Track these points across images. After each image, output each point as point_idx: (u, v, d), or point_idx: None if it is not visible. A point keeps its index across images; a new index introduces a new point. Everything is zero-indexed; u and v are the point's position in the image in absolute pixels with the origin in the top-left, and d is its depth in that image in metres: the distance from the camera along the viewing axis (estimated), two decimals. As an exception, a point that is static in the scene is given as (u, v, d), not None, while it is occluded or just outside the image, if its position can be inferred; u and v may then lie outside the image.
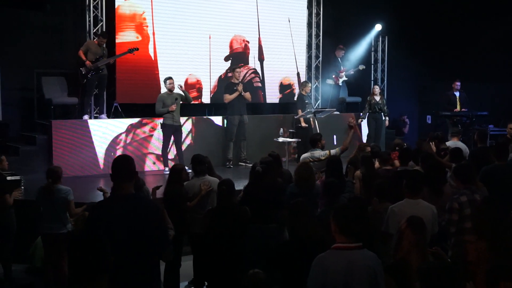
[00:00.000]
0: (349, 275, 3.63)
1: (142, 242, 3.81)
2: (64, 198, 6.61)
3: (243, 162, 11.69)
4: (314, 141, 8.15)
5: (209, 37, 12.02)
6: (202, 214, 6.26)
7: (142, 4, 11.43)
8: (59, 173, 6.71)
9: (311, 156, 7.88)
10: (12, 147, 10.37)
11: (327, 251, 3.74)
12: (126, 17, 11.31)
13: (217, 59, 12.37)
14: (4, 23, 10.78)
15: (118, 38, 11.22)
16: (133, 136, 10.88)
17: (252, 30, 12.86)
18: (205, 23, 12.11)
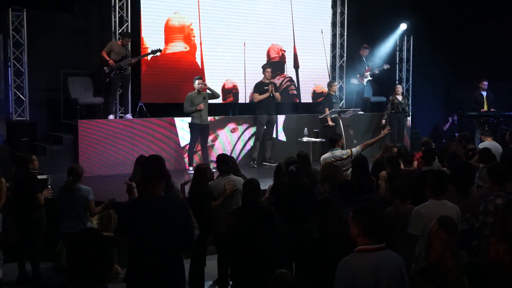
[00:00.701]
0: (378, 277, 3.58)
1: (169, 243, 3.84)
2: (84, 197, 6.68)
3: (267, 162, 11.69)
4: (334, 141, 8.10)
5: (244, 44, 12.22)
6: (226, 214, 6.28)
7: (190, 16, 11.73)
8: (79, 172, 6.79)
9: (333, 156, 7.83)
10: (40, 147, 10.51)
11: (350, 254, 3.67)
12: (175, 29, 11.66)
13: (254, 66, 12.37)
14: (31, 24, 10.90)
15: (168, 48, 11.58)
16: (158, 135, 10.94)
17: (287, 38, 13.05)
18: (243, 32, 12.37)
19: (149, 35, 11.32)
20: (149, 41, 11.15)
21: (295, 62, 13.18)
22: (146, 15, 11.35)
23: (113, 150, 10.52)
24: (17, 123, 10.71)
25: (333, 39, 14.00)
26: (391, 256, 3.71)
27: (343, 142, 8.15)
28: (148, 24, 11.37)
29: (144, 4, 11.31)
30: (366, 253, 3.62)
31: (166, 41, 11.55)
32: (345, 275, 3.59)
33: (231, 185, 6.52)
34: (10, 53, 10.67)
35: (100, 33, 11.85)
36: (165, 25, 11.52)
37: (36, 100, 11.27)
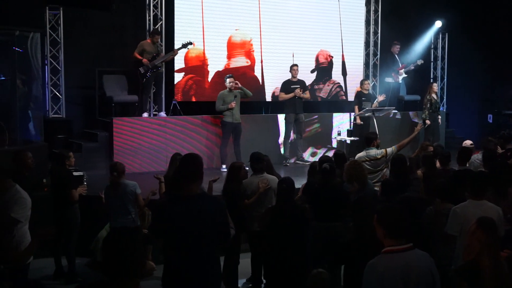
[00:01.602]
0: (406, 278, 3.50)
1: (205, 240, 3.86)
2: (133, 191, 6.78)
3: (299, 161, 11.66)
4: (369, 140, 8.01)
5: (292, 55, 12.29)
6: (260, 212, 6.29)
7: (251, 32, 12.15)
8: (122, 167, 6.88)
9: (367, 155, 7.74)
10: (75, 144, 10.65)
11: (377, 256, 3.61)
12: (237, 45, 11.98)
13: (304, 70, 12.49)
14: (67, 23, 11.07)
15: (232, 63, 11.95)
16: (191, 133, 11.02)
17: (335, 44, 13.25)
18: (294, 40, 12.49)
19: (182, 33, 11.37)
20: (183, 38, 11.18)
21: (343, 69, 13.32)
22: (179, 13, 11.41)
23: (147, 147, 10.62)
24: (53, 121, 10.89)
25: (367, 37, 13.88)
26: (420, 256, 3.63)
27: (378, 141, 8.04)
28: (181, 22, 11.44)
29: (178, 2, 11.38)
30: (393, 254, 3.56)
31: (228, 57, 12.02)
32: (372, 277, 3.54)
33: (264, 183, 6.51)
34: (47, 52, 10.85)
35: (134, 32, 11.96)
36: (227, 42, 11.98)
37: (72, 98, 11.45)
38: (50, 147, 9.89)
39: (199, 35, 11.62)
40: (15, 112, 9.79)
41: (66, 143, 10.67)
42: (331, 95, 13.19)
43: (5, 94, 9.93)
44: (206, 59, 11.77)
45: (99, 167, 10.29)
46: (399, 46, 13.56)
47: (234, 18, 11.96)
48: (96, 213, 7.75)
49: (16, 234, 5.12)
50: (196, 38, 11.51)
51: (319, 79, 13.10)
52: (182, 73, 11.64)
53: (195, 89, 11.78)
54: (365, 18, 13.77)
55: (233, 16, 11.94)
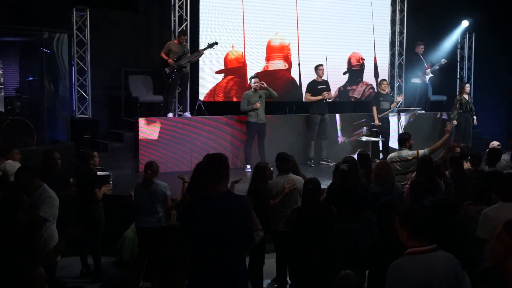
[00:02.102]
0: (430, 280, 3.46)
1: (233, 240, 3.85)
2: (163, 192, 6.82)
3: (324, 161, 11.62)
4: (402, 141, 7.93)
5: (326, 59, 12.26)
6: (285, 212, 6.27)
7: (289, 36, 12.28)
8: (157, 167, 6.92)
9: (398, 156, 7.66)
10: (101, 144, 10.74)
11: (400, 257, 3.57)
12: (276, 48, 12.20)
13: (335, 73, 12.64)
14: (94, 24, 11.17)
15: (270, 65, 12.17)
16: (216, 133, 11.03)
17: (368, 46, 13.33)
18: (327, 43, 12.58)
19: (206, 33, 11.41)
20: (208, 39, 11.21)
21: (375, 71, 13.30)
22: (204, 13, 11.45)
23: (171, 147, 10.66)
24: (80, 120, 10.99)
25: (392, 37, 13.76)
26: (444, 257, 3.58)
27: (411, 142, 7.95)
28: (206, 22, 11.48)
29: (203, 2, 11.42)
30: (416, 255, 3.52)
31: (267, 59, 12.18)
32: (396, 278, 3.51)
33: (290, 184, 6.48)
34: (73, 52, 10.95)
35: (160, 32, 12.03)
36: (267, 45, 12.15)
37: (98, 98, 11.53)
38: (77, 147, 9.99)
39: (239, 38, 11.80)
40: (43, 112, 9.94)
41: (92, 143, 10.77)
42: (364, 95, 13.21)
43: (33, 94, 10.08)
44: (246, 61, 11.88)
45: (125, 166, 10.37)
46: (423, 46, 13.42)
47: (274, 23, 12.12)
48: (122, 212, 7.80)
49: (44, 233, 5.19)
50: (235, 41, 11.72)
51: (352, 81, 13.14)
52: (222, 74, 11.75)
53: (236, 89, 11.86)
54: (390, 18, 13.65)
55: (273, 21, 12.11)
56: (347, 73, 13.09)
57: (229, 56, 11.79)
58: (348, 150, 11.40)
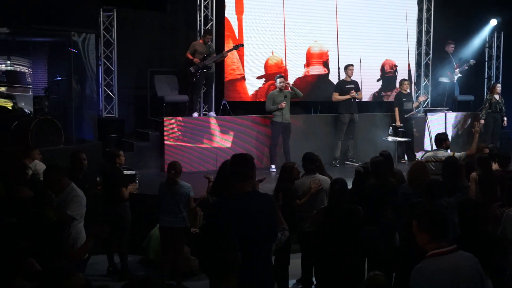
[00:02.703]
0: (456, 280, 3.40)
1: (261, 239, 3.85)
2: (187, 194, 6.81)
3: (349, 161, 11.56)
4: (439, 141, 7.84)
5: (360, 61, 12.47)
6: (311, 212, 6.25)
7: (328, 43, 12.45)
8: (180, 168, 6.93)
9: (434, 156, 7.58)
10: (127, 143, 10.82)
11: (423, 261, 3.50)
12: (316, 55, 12.39)
13: (368, 80, 12.77)
14: (120, 24, 11.26)
15: (310, 70, 12.32)
16: (241, 133, 11.05)
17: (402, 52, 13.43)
18: (360, 49, 12.63)
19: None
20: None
21: (409, 77, 13.25)
22: (230, 13, 11.47)
23: (196, 147, 10.71)
24: (106, 120, 11.08)
25: (419, 36, 13.63)
26: (466, 257, 3.53)
27: (448, 143, 7.86)
28: (232, 22, 11.50)
29: (229, 2, 11.45)
30: (439, 257, 3.45)
31: (307, 65, 12.31)
32: (420, 282, 3.44)
33: (316, 184, 6.47)
34: (100, 52, 11.05)
35: (186, 32, 12.07)
36: (307, 52, 12.29)
37: (124, 98, 11.62)
38: (103, 146, 10.09)
39: (280, 44, 11.95)
40: (71, 112, 10.04)
41: (118, 142, 10.86)
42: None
43: (61, 94, 10.20)
44: (286, 67, 12.01)
45: (151, 166, 10.45)
46: (453, 45, 13.25)
47: (314, 30, 12.24)
48: (148, 211, 7.85)
49: (72, 232, 5.23)
50: (275, 47, 11.88)
51: (385, 87, 13.18)
52: (262, 79, 11.86)
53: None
54: (417, 17, 13.52)
55: (313, 29, 12.23)
56: (380, 79, 13.15)
57: (269, 62, 11.91)
58: (373, 150, 11.29)
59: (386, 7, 12.97)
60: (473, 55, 13.60)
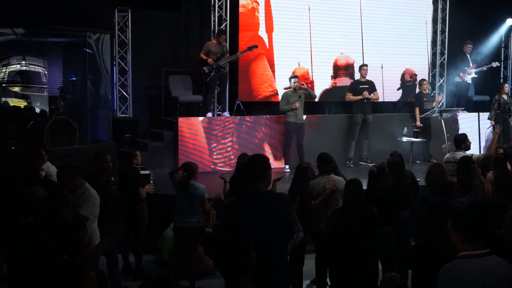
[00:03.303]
0: (483, 285, 3.33)
1: (276, 238, 3.84)
2: (201, 195, 6.78)
3: (363, 162, 11.51)
4: (458, 142, 7.80)
5: (381, 67, 12.63)
6: (325, 213, 6.23)
7: (354, 54, 12.62)
8: (194, 169, 6.88)
9: (452, 157, 7.55)
10: (142, 143, 10.86)
11: (452, 261, 3.44)
12: (342, 66, 12.64)
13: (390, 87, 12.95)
14: (135, 24, 11.31)
15: (336, 82, 12.54)
16: (255, 133, 11.04)
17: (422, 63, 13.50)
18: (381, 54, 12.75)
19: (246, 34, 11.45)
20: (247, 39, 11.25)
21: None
22: (244, 13, 11.48)
23: (210, 147, 10.72)
24: (121, 120, 11.14)
25: (434, 36, 13.55)
26: (498, 262, 3.43)
27: (468, 144, 7.81)
28: (246, 23, 11.52)
29: (243, 2, 11.46)
30: (470, 259, 3.38)
31: (333, 77, 12.53)
32: (447, 282, 3.39)
33: (331, 184, 6.45)
34: (115, 53, 11.10)
35: (200, 32, 12.10)
36: (333, 63, 12.50)
37: (138, 98, 11.67)
38: (118, 146, 10.13)
39: (306, 56, 12.11)
40: (85, 112, 10.09)
41: (132, 142, 10.90)
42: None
43: (76, 94, 10.25)
44: (312, 78, 12.16)
45: (165, 166, 10.45)
46: (471, 46, 13.12)
47: (339, 42, 12.38)
48: (162, 211, 7.86)
49: (87, 231, 5.25)
50: (302, 59, 12.02)
51: (405, 95, 13.23)
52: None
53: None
54: (432, 17, 13.43)
55: (338, 41, 12.36)
56: (401, 88, 13.23)
57: (296, 73, 11.83)
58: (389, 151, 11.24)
59: (405, 11, 13.00)
60: (490, 54, 13.46)
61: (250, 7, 11.72)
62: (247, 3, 11.65)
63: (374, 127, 11.72)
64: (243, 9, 11.63)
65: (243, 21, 11.59)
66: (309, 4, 12.05)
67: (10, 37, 9.70)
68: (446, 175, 6.36)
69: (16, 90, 10.29)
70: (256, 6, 11.75)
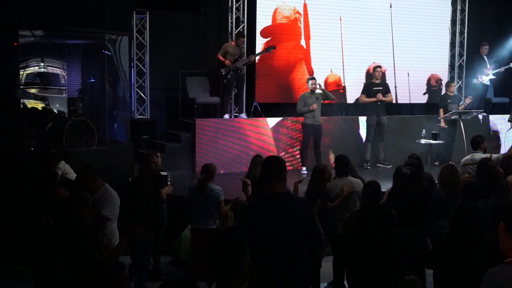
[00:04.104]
0: None
1: (294, 240, 3.83)
2: (216, 197, 6.76)
3: (381, 164, 11.45)
4: (476, 143, 7.76)
5: (408, 74, 12.94)
6: (343, 215, 6.21)
7: (384, 62, 12.64)
8: (213, 171, 6.87)
9: (471, 159, 7.50)
10: (159, 144, 10.91)
11: (500, 265, 3.37)
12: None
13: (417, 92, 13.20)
14: (153, 26, 11.37)
15: None
16: (272, 135, 11.05)
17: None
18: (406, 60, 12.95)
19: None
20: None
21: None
22: (261, 15, 11.49)
23: (228, 148, 10.74)
24: (138, 121, 11.20)
25: (452, 37, 13.46)
26: None
27: (485, 145, 7.76)
28: (263, 25, 11.54)
29: (260, 4, 11.47)
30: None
31: None
32: (490, 286, 3.35)
33: (349, 186, 6.43)
34: (133, 54, 11.17)
35: (217, 34, 12.14)
36: (366, 70, 12.54)
37: (156, 99, 11.74)
38: (136, 148, 10.18)
39: (338, 63, 12.27)
40: (104, 113, 10.14)
41: (150, 143, 10.96)
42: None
43: (95, 96, 10.31)
44: (345, 85, 12.31)
45: (182, 167, 10.51)
46: (487, 47, 13.02)
47: (371, 50, 12.53)
48: (179, 212, 7.88)
49: (107, 232, 5.29)
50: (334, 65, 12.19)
51: (431, 100, 13.22)
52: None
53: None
54: (450, 18, 13.34)
55: (371, 49, 12.52)
56: (427, 93, 13.25)
57: (328, 80, 12.16)
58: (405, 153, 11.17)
59: (425, 14, 13.01)
60: (508, 57, 13.32)
61: (293, 18, 11.97)
62: (290, 14, 11.86)
63: (392, 129, 11.65)
64: (286, 19, 11.89)
65: (286, 30, 11.91)
66: (340, 15, 12.18)
67: (29, 39, 9.78)
68: (459, 175, 6.32)
69: (35, 91, 10.35)
70: (298, 16, 11.98)
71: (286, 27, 11.84)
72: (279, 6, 11.73)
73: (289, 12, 11.82)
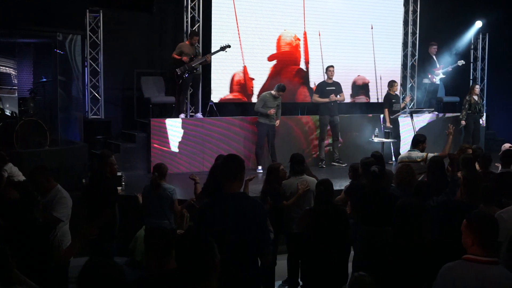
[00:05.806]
0: None
1: (247, 241, 3.85)
2: (169, 196, 6.75)
3: (336, 162, 11.59)
4: (417, 142, 7.90)
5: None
6: (298, 214, 6.25)
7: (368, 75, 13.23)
8: (164, 170, 6.86)
9: (408, 157, 7.65)
10: (114, 144, 10.78)
11: (458, 260, 3.44)
12: (360, 86, 13.22)
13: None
14: (107, 25, 11.23)
15: (355, 100, 13.11)
16: (227, 134, 11.06)
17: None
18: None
19: (219, 35, 11.45)
20: (220, 40, 11.24)
21: None
22: (216, 14, 11.48)
23: (183, 148, 10.69)
24: (92, 121, 11.05)
25: (405, 38, 13.72)
26: (502, 274, 3.36)
27: (425, 146, 7.92)
28: (218, 24, 11.53)
29: (215, 4, 11.45)
30: (473, 263, 3.36)
31: (351, 95, 13.10)
32: (445, 280, 3.41)
33: (304, 185, 6.48)
34: (87, 53, 11.02)
35: (173, 33, 12.07)
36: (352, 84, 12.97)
37: (110, 99, 11.59)
38: (89, 148, 10.04)
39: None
40: (56, 113, 9.98)
41: (104, 143, 10.82)
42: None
43: (47, 96, 10.13)
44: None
45: (137, 167, 10.42)
46: (436, 47, 13.36)
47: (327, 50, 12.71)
48: (134, 212, 7.82)
49: (58, 233, 5.22)
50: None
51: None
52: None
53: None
54: (403, 19, 13.61)
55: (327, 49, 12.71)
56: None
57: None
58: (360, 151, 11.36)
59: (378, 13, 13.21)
60: (457, 57, 13.69)
61: (294, 44, 12.32)
62: (291, 41, 12.19)
63: (345, 128, 11.81)
64: (289, 46, 12.26)
65: (288, 56, 12.30)
66: (319, 30, 12.55)
67: (-22, 37, 9.57)
68: (415, 174, 6.44)
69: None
70: (299, 42, 12.34)
71: (287, 54, 12.30)
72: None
73: (290, 39, 12.26)
